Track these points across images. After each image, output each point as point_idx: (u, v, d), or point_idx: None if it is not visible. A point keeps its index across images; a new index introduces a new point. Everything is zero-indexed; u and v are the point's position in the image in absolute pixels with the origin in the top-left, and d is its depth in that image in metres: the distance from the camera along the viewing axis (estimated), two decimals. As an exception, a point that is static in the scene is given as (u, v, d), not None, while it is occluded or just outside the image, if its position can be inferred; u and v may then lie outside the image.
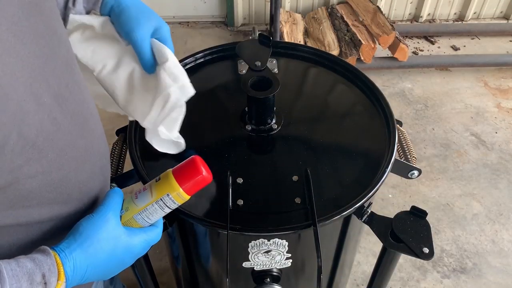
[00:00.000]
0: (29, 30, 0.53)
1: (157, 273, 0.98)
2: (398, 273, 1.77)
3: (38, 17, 0.56)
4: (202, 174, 0.62)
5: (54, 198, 0.60)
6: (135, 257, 0.65)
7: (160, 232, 0.67)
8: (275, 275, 0.86)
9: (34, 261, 0.51)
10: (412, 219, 0.82)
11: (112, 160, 0.92)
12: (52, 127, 0.56)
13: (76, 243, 0.56)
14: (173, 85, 0.70)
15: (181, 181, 0.62)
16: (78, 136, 0.62)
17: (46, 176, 0.57)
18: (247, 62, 0.92)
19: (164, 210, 0.64)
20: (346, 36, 2.67)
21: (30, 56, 0.52)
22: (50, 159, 0.56)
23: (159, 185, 0.63)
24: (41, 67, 0.55)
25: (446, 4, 3.18)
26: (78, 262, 0.55)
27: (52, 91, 0.56)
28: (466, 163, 2.21)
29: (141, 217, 0.64)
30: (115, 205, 0.62)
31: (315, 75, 1.11)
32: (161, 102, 0.72)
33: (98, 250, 0.58)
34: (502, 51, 2.96)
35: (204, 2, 3.13)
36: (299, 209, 0.79)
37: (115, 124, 1.01)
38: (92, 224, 0.59)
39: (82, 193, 0.65)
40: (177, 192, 0.62)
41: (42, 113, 0.54)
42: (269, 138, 0.93)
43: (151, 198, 0.63)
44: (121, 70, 0.75)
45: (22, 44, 0.51)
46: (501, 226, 1.94)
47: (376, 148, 0.90)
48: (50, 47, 0.57)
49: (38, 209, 0.59)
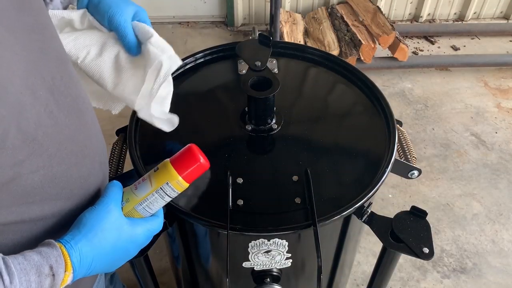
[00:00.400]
0: (20, 24, 0.53)
1: (157, 273, 0.98)
2: (398, 273, 1.77)
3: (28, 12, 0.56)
4: (200, 161, 0.64)
5: (56, 194, 0.60)
6: (139, 247, 0.65)
7: (161, 222, 0.68)
8: (275, 275, 0.86)
9: (41, 254, 0.52)
10: (412, 219, 0.82)
11: (112, 160, 0.92)
12: (50, 120, 0.56)
13: (80, 234, 0.57)
14: (162, 55, 0.72)
15: (179, 169, 0.63)
16: (76, 130, 0.63)
17: (47, 171, 0.57)
18: (247, 62, 0.92)
19: (164, 199, 0.65)
20: (346, 36, 2.67)
21: (24, 50, 0.52)
22: (50, 153, 0.57)
23: (158, 175, 0.64)
24: (35, 61, 0.55)
25: (446, 4, 3.18)
26: (84, 253, 0.56)
27: (47, 84, 0.56)
28: (466, 163, 2.21)
29: (142, 207, 0.64)
30: (115, 196, 0.63)
31: (315, 75, 1.11)
32: (154, 72, 0.72)
33: (102, 240, 0.58)
34: (502, 51, 2.96)
35: (204, 2, 3.13)
36: (299, 209, 0.79)
37: (115, 124, 1.01)
38: (95, 215, 0.59)
39: (83, 188, 0.66)
40: (176, 180, 0.63)
41: (39, 106, 0.54)
42: (269, 138, 0.93)
43: (150, 187, 0.64)
44: (106, 54, 0.76)
45: (15, 38, 0.51)
46: (501, 226, 1.94)
47: (376, 148, 0.90)
48: (42, 41, 0.58)
49: (41, 205, 0.59)
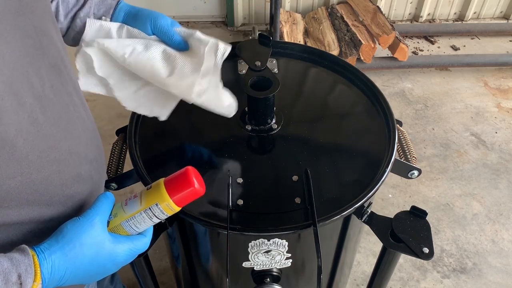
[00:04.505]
0: (14, 29, 0.53)
1: (157, 273, 0.98)
2: (398, 273, 1.77)
3: (26, 17, 0.55)
4: (194, 186, 0.60)
5: (34, 200, 0.59)
6: (118, 266, 0.63)
7: (147, 242, 0.65)
8: (275, 275, 0.86)
9: (12, 261, 0.50)
10: (412, 219, 0.82)
11: (112, 160, 0.92)
12: (33, 128, 0.55)
13: (57, 245, 0.55)
14: (214, 39, 0.73)
15: (171, 192, 0.59)
16: (62, 139, 0.61)
17: (25, 178, 0.56)
18: (247, 62, 0.92)
19: (152, 219, 0.62)
20: (346, 36, 2.67)
21: (13, 55, 0.52)
22: (30, 160, 0.55)
23: (149, 194, 0.61)
24: (25, 67, 0.54)
25: (446, 4, 3.18)
26: (56, 265, 0.54)
27: (36, 91, 0.56)
28: (466, 163, 2.21)
29: (129, 224, 0.61)
30: (103, 210, 0.61)
31: (315, 75, 1.11)
32: (211, 50, 0.73)
33: (79, 255, 0.56)
34: (502, 51, 2.96)
35: (204, 2, 3.13)
36: (299, 209, 0.78)
37: (115, 124, 1.01)
38: (77, 227, 0.57)
39: (65, 196, 0.64)
40: (166, 203, 0.60)
41: (22, 113, 0.53)
42: (269, 138, 0.93)
43: (139, 206, 0.61)
44: (153, 48, 0.75)
45: (5, 43, 0.51)
46: (501, 226, 1.94)
47: (376, 148, 0.90)
48: (37, 47, 0.57)
49: (17, 210, 0.57)
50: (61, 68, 0.63)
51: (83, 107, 0.71)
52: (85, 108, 0.73)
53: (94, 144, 0.73)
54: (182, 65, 0.74)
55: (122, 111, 0.85)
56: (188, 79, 0.74)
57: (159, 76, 0.75)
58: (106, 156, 0.89)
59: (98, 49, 0.73)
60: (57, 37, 0.64)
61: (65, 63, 0.66)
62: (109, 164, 0.90)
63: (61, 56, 0.64)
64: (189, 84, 0.74)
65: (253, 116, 0.93)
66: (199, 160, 0.89)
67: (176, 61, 0.75)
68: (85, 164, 0.68)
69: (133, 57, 0.73)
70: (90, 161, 0.70)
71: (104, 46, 0.72)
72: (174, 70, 0.74)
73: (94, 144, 0.73)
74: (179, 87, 0.75)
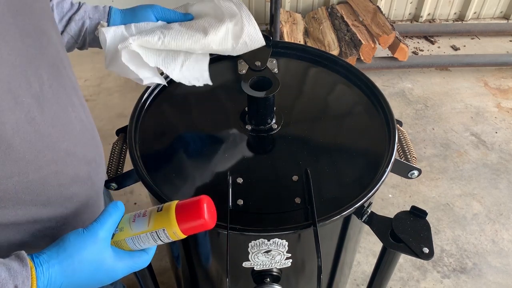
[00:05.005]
0: (13, 28, 0.52)
1: (157, 273, 0.98)
2: (398, 273, 1.77)
3: (26, 16, 0.55)
4: (204, 218, 0.59)
5: (31, 200, 0.59)
6: (114, 279, 0.62)
7: (148, 260, 0.64)
8: (275, 275, 0.86)
9: (9, 272, 0.49)
10: (412, 219, 0.82)
11: (112, 160, 0.92)
12: (30, 127, 0.55)
13: (57, 259, 0.54)
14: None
15: (181, 220, 0.59)
16: (59, 138, 0.61)
17: (22, 178, 0.56)
18: (247, 62, 0.92)
19: (156, 242, 0.61)
20: (346, 36, 2.67)
21: (11, 54, 0.52)
22: (27, 160, 0.55)
23: (159, 217, 0.60)
24: (23, 66, 0.54)
25: (446, 4, 3.18)
26: (53, 279, 0.53)
27: (33, 91, 0.55)
28: (466, 163, 2.21)
29: (133, 241, 0.61)
30: (110, 224, 0.59)
31: (315, 75, 1.11)
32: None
33: (77, 271, 0.55)
34: (502, 51, 2.96)
35: (204, 2, 3.13)
36: (299, 209, 0.78)
37: (115, 124, 1.01)
38: (80, 242, 0.56)
39: (63, 196, 0.64)
40: (173, 230, 0.59)
41: (19, 112, 0.53)
42: (269, 138, 0.93)
43: (147, 227, 0.60)
44: (173, 25, 0.83)
45: (4, 42, 0.51)
46: (501, 226, 1.94)
47: (376, 148, 0.90)
48: (36, 47, 0.57)
49: (13, 210, 0.57)
50: (60, 69, 0.63)
51: (82, 107, 0.71)
52: (84, 108, 0.73)
53: (93, 145, 0.73)
54: (207, 24, 0.82)
55: (122, 111, 0.85)
56: (222, 28, 0.82)
57: (199, 39, 0.81)
58: (106, 156, 0.89)
59: (136, 45, 0.77)
60: (56, 37, 0.64)
61: (64, 64, 0.66)
62: (109, 164, 0.90)
63: (61, 56, 0.64)
64: (225, 32, 0.82)
65: (253, 116, 0.93)
66: (199, 160, 0.89)
67: (200, 24, 0.82)
68: (84, 165, 0.68)
69: (167, 37, 0.79)
70: (89, 162, 0.70)
71: (138, 41, 0.76)
72: (206, 30, 0.81)
73: (93, 145, 0.73)
74: (217, 41, 0.83)
